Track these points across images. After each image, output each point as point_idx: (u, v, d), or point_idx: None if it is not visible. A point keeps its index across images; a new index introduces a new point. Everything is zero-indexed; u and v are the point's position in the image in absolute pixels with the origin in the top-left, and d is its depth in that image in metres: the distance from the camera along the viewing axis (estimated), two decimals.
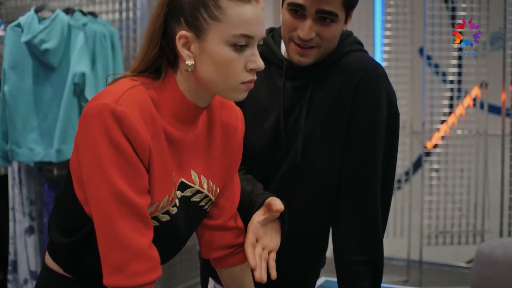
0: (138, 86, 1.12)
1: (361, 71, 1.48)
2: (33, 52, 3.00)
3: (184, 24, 1.12)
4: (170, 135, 1.15)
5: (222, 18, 1.10)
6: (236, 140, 1.34)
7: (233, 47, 1.11)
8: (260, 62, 1.14)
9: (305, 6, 1.40)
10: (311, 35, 1.42)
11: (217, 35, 1.10)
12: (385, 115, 1.46)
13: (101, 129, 1.04)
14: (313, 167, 1.50)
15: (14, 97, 3.03)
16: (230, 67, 1.12)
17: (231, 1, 1.10)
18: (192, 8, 1.10)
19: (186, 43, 1.12)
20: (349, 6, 1.45)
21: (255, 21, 1.12)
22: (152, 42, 1.14)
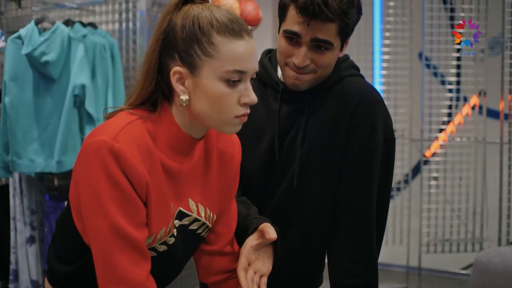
0: (135, 121, 1.14)
1: (357, 97, 1.49)
2: (33, 64, 3.02)
3: (178, 60, 1.14)
4: (167, 167, 1.17)
5: (215, 55, 1.12)
6: (233, 167, 1.36)
7: (226, 83, 1.13)
8: (253, 96, 1.16)
9: (301, 34, 1.42)
10: (306, 63, 1.44)
11: (210, 71, 1.13)
12: (381, 141, 1.48)
13: (99, 166, 1.07)
14: (309, 191, 1.52)
15: (15, 108, 3.05)
16: (223, 102, 1.14)
17: (224, 38, 1.12)
18: (186, 45, 1.13)
19: (180, 78, 1.15)
20: (345, 35, 1.47)
21: (247, 56, 1.14)
22: (148, 77, 1.16)
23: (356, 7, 1.45)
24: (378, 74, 4.25)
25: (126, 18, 3.44)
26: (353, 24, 1.47)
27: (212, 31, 1.12)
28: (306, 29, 1.41)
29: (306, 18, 1.40)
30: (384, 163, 1.50)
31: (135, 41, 3.42)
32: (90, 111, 3.03)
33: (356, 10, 1.45)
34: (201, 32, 1.12)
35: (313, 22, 1.40)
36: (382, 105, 1.51)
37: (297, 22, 1.42)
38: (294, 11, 1.42)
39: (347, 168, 1.50)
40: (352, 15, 1.43)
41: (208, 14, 1.14)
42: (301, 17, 1.40)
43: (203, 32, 1.12)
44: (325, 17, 1.39)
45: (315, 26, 1.40)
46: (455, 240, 4.03)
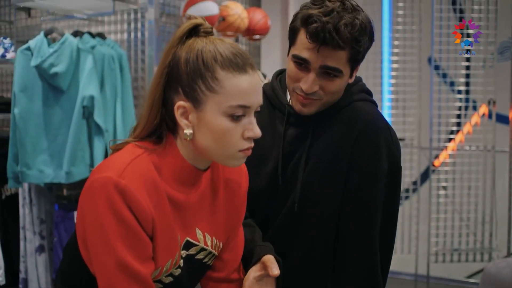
0: (141, 155, 1.15)
1: (361, 123, 1.48)
2: (42, 76, 3.03)
3: (182, 94, 1.15)
4: (173, 199, 1.18)
5: (219, 90, 1.12)
6: (239, 195, 1.36)
7: (230, 117, 1.13)
8: (256, 130, 1.17)
9: (310, 61, 1.41)
10: (314, 89, 1.43)
11: (214, 106, 1.13)
12: (385, 169, 1.47)
13: (105, 202, 1.08)
14: (311, 216, 1.51)
15: (24, 119, 3.07)
16: (227, 137, 1.14)
17: (228, 73, 1.13)
18: (190, 80, 1.13)
19: (184, 112, 1.15)
20: (355, 62, 1.45)
21: (251, 91, 1.14)
22: (152, 110, 1.17)
23: (368, 34, 1.43)
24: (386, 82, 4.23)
25: (135, 28, 3.45)
26: (364, 52, 1.46)
27: (216, 66, 1.13)
28: (316, 56, 1.40)
29: (316, 45, 1.39)
30: (389, 192, 1.49)
31: (143, 51, 3.43)
32: (98, 122, 3.05)
33: (368, 38, 1.44)
34: (205, 67, 1.13)
35: (323, 48, 1.39)
36: (387, 133, 1.49)
37: (306, 48, 1.41)
38: (304, 36, 1.41)
39: (349, 196, 1.49)
40: (363, 43, 1.42)
41: (212, 48, 1.14)
42: (311, 43, 1.39)
43: (207, 67, 1.13)
44: (335, 44, 1.37)
45: (325, 53, 1.39)
46: (463, 249, 4.01)
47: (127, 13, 3.45)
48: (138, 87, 3.42)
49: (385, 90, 4.23)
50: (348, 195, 1.49)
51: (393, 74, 4.18)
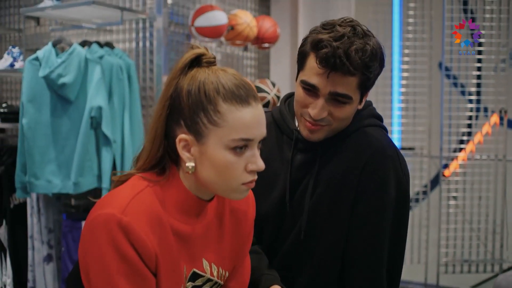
0: (145, 190, 1.13)
1: (369, 150, 1.46)
2: (50, 86, 3.03)
3: (184, 127, 1.13)
4: (178, 231, 1.16)
5: (221, 123, 1.10)
6: (246, 224, 1.35)
7: (232, 151, 1.11)
8: (260, 163, 1.14)
9: (319, 87, 1.39)
10: (322, 115, 1.41)
11: (216, 139, 1.11)
12: (392, 197, 1.44)
13: (107, 239, 1.06)
14: (317, 244, 1.49)
15: (32, 129, 3.06)
16: (230, 170, 1.12)
17: (230, 105, 1.10)
18: (192, 112, 1.11)
19: (186, 145, 1.13)
20: (365, 88, 1.43)
21: (255, 123, 1.12)
22: (155, 143, 1.15)
23: (378, 60, 1.40)
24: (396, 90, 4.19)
25: (143, 37, 3.44)
26: (375, 78, 1.43)
27: (218, 98, 1.10)
28: (325, 82, 1.37)
29: (326, 70, 1.36)
30: (397, 221, 1.46)
31: (152, 61, 3.42)
32: (106, 133, 3.04)
33: (379, 64, 1.41)
34: (207, 99, 1.10)
35: (333, 74, 1.36)
36: (396, 160, 1.47)
37: (316, 74, 1.38)
38: (314, 61, 1.39)
39: (356, 225, 1.46)
40: (374, 69, 1.39)
41: (214, 79, 1.11)
42: (321, 68, 1.37)
43: (209, 100, 1.10)
44: (346, 70, 1.35)
45: (334, 79, 1.37)
46: (474, 260, 3.97)
47: (135, 22, 3.44)
48: (146, 97, 3.41)
49: (395, 98, 4.19)
50: (355, 224, 1.46)
51: (403, 83, 4.15)
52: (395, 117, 4.18)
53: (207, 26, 3.40)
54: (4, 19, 4.13)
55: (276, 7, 4.44)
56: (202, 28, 3.40)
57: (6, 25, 4.11)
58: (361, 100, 1.46)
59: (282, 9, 4.43)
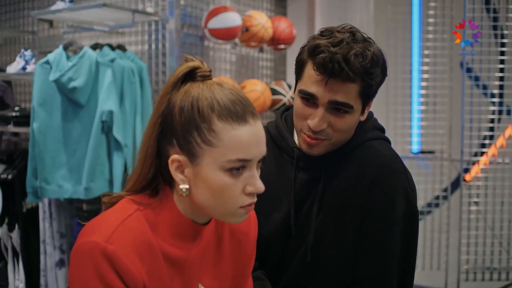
0: (133, 214, 1.06)
1: (375, 167, 1.38)
2: (61, 90, 2.99)
3: (177, 147, 1.05)
4: (171, 257, 1.09)
5: (216, 143, 1.02)
6: (248, 246, 1.27)
7: (229, 172, 1.03)
8: (259, 185, 1.06)
9: (317, 96, 1.32)
10: (322, 126, 1.33)
11: (211, 160, 1.03)
12: (401, 215, 1.36)
13: (92, 269, 0.99)
14: (324, 265, 1.41)
15: (43, 134, 3.03)
16: (226, 193, 1.04)
17: (226, 123, 1.02)
18: (184, 131, 1.03)
19: (180, 166, 1.06)
20: (367, 97, 1.35)
21: (252, 142, 1.04)
22: (145, 163, 1.08)
23: (380, 66, 1.33)
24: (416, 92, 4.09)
25: (156, 39, 3.38)
26: (377, 86, 1.36)
27: (213, 116, 1.02)
28: (324, 90, 1.30)
29: (324, 77, 1.29)
30: (406, 238, 1.38)
31: (164, 63, 3.36)
32: (117, 137, 2.99)
33: (381, 71, 1.34)
34: (200, 117, 1.02)
35: (332, 81, 1.29)
36: (403, 175, 1.39)
37: (314, 82, 1.31)
38: (311, 68, 1.32)
39: (363, 245, 1.38)
40: (375, 76, 1.32)
41: (208, 95, 1.03)
42: (319, 75, 1.29)
43: (203, 118, 1.02)
44: (345, 76, 1.27)
45: (334, 86, 1.29)
46: (496, 268, 3.84)
47: (148, 24, 3.39)
48: None
49: (415, 100, 4.09)
50: (362, 244, 1.38)
51: (423, 85, 4.04)
52: (414, 119, 4.07)
53: (220, 28, 3.33)
54: (18, 21, 4.11)
55: (292, 7, 4.35)
56: (215, 30, 3.34)
57: (20, 27, 4.09)
58: (363, 111, 1.38)
59: (298, 10, 4.34)
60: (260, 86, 3.57)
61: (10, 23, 4.19)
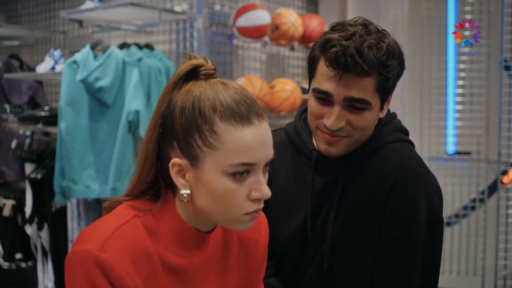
0: (130, 221, 1.00)
1: (396, 170, 1.29)
2: (88, 89, 2.98)
3: (178, 150, 0.99)
4: (172, 265, 1.03)
5: (218, 146, 0.96)
6: (257, 253, 1.19)
7: (232, 177, 0.96)
8: (265, 191, 0.99)
9: (332, 93, 1.24)
10: (340, 125, 1.26)
11: (213, 164, 0.96)
12: (423, 222, 1.27)
13: (84, 278, 0.94)
14: (341, 274, 1.34)
15: (70, 134, 3.02)
16: (230, 199, 0.97)
17: (229, 125, 0.96)
18: (185, 133, 0.97)
19: (181, 170, 1.00)
20: (385, 92, 1.27)
21: (257, 145, 0.97)
22: (145, 166, 1.02)
23: (397, 58, 1.25)
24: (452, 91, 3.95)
25: (184, 38, 3.35)
26: (394, 79, 1.27)
27: (215, 117, 0.96)
28: (338, 86, 1.23)
29: (338, 72, 1.22)
30: (429, 247, 1.29)
31: None
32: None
33: (398, 62, 1.26)
34: (202, 118, 0.96)
35: (346, 76, 1.22)
36: (426, 180, 1.30)
37: (327, 78, 1.24)
38: (324, 64, 1.25)
39: (383, 253, 1.30)
40: (392, 68, 1.24)
41: (211, 95, 0.97)
42: (332, 70, 1.22)
43: (204, 119, 0.96)
44: (359, 70, 1.20)
45: (348, 81, 1.22)
46: None
47: (176, 23, 3.35)
48: None
49: (450, 100, 3.95)
50: (382, 253, 1.30)
51: (459, 83, 3.90)
52: (450, 119, 3.94)
53: (249, 26, 3.27)
54: (49, 21, 4.13)
55: (324, 5, 4.26)
56: (244, 28, 3.28)
57: (51, 27, 4.11)
58: (382, 106, 1.30)
59: (330, 7, 4.25)
60: (290, 85, 3.50)
61: (41, 23, 4.22)
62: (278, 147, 1.45)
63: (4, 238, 3.87)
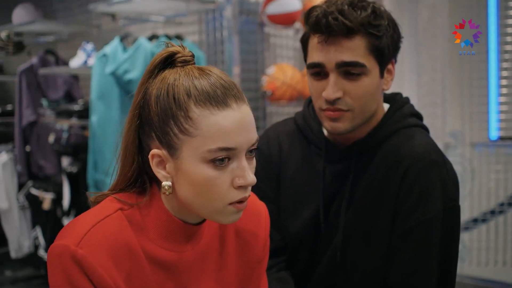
0: (112, 215, 0.96)
1: (409, 157, 1.22)
2: (118, 82, 2.98)
3: (157, 140, 0.95)
4: (160, 260, 0.99)
5: (194, 132, 0.91)
6: (257, 247, 1.14)
7: (211, 164, 0.91)
8: (249, 177, 0.93)
9: (323, 62, 1.20)
10: (337, 94, 1.20)
11: (190, 152, 0.92)
12: (439, 210, 1.19)
13: (62, 274, 0.91)
14: (354, 265, 1.28)
15: (102, 127, 3.04)
16: (211, 188, 0.92)
17: (204, 109, 0.91)
18: (161, 122, 0.93)
19: (161, 162, 0.96)
20: (379, 54, 1.20)
21: (236, 129, 0.91)
22: (126, 160, 0.99)
23: (386, 20, 1.20)
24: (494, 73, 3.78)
25: (213, 27, 3.30)
26: (389, 42, 1.21)
27: (189, 102, 0.91)
28: (328, 54, 1.19)
29: (323, 36, 1.18)
30: (446, 236, 1.21)
31: (223, 52, 3.28)
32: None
33: (389, 25, 1.20)
34: (176, 104, 0.92)
35: (333, 40, 1.18)
36: (442, 166, 1.22)
37: (316, 49, 1.21)
38: (312, 39, 1.22)
39: (398, 244, 1.23)
40: (382, 28, 1.19)
41: (185, 80, 0.93)
42: (317, 36, 1.19)
43: (179, 105, 0.92)
44: (343, 28, 1.16)
45: (336, 46, 1.18)
46: None
47: (205, 12, 3.31)
48: None
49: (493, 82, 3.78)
50: (397, 243, 1.23)
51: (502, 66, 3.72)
52: (492, 103, 3.77)
53: (279, 13, 3.20)
54: (84, 16, 4.16)
55: None
56: (274, 16, 3.21)
57: (86, 21, 4.14)
58: (382, 74, 1.24)
59: None
60: None
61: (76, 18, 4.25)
62: (287, 136, 1.40)
63: (45, 231, 3.93)
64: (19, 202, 4.13)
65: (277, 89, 3.09)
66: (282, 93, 3.10)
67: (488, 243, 3.71)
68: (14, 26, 4.10)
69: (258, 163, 1.41)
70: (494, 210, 3.83)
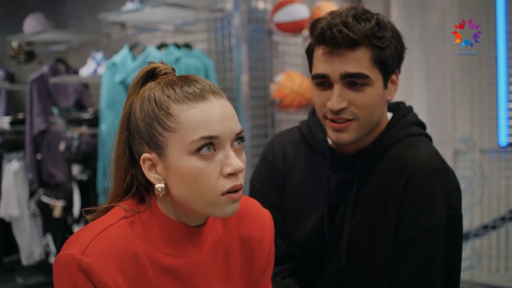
0: (117, 223, 0.99)
1: (412, 166, 1.23)
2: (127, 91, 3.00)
3: (145, 145, 0.99)
4: (166, 267, 1.01)
5: (176, 127, 0.96)
6: (261, 254, 1.15)
7: (197, 155, 0.95)
8: (236, 163, 0.96)
9: (328, 73, 1.22)
10: (342, 104, 1.22)
11: (176, 147, 0.96)
12: (442, 218, 1.20)
13: (69, 283, 0.93)
14: (359, 273, 1.29)
15: (111, 135, 3.05)
16: (201, 179, 0.95)
17: (183, 104, 0.96)
18: (147, 126, 0.98)
19: (153, 165, 0.99)
20: (383, 66, 1.22)
21: (216, 118, 0.95)
22: (119, 172, 1.03)
23: (390, 31, 1.22)
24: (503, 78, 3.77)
25: (222, 36, 3.32)
26: (393, 54, 1.23)
27: (169, 101, 0.97)
28: (332, 65, 1.20)
29: (327, 48, 1.20)
30: (449, 244, 1.22)
31: (231, 60, 3.30)
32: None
33: (393, 36, 1.22)
34: (158, 106, 0.97)
35: (337, 51, 1.20)
36: (445, 174, 1.23)
37: (321, 60, 1.23)
38: (317, 50, 1.25)
39: (402, 251, 1.24)
40: (386, 40, 1.20)
41: (165, 86, 0.99)
42: (322, 48, 1.21)
43: (160, 106, 0.97)
44: (347, 40, 1.18)
45: (340, 57, 1.20)
46: None
47: (214, 21, 3.33)
48: None
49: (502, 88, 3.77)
50: (401, 251, 1.24)
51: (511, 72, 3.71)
52: (502, 109, 3.76)
53: (287, 21, 3.22)
54: (95, 25, 4.19)
55: None
56: (282, 24, 3.22)
57: (97, 31, 4.17)
58: (385, 84, 1.25)
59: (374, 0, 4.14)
60: None
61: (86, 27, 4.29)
62: (292, 145, 1.42)
63: (56, 238, 3.96)
64: (30, 210, 4.17)
65: (285, 97, 3.10)
66: (290, 101, 3.11)
67: (499, 249, 3.69)
68: (25, 35, 4.15)
69: (263, 171, 1.43)
70: (505, 217, 3.81)
